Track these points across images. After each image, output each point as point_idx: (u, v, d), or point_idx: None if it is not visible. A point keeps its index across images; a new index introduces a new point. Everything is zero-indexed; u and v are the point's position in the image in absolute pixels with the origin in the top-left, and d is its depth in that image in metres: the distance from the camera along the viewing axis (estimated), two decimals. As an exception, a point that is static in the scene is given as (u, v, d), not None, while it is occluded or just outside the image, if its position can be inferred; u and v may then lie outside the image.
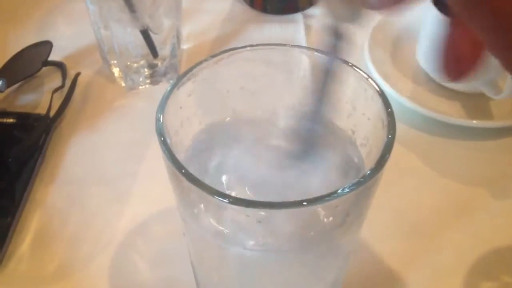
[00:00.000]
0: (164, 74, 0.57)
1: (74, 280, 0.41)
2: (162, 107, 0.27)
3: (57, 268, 0.42)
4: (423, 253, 0.43)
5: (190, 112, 0.30)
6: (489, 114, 0.52)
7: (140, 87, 0.57)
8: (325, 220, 0.25)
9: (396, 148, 0.49)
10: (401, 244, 0.43)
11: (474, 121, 0.51)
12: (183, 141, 0.30)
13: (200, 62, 0.29)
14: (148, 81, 0.57)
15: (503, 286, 0.41)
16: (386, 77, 0.53)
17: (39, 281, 0.41)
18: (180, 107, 0.29)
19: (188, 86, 0.29)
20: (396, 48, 0.58)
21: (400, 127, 0.55)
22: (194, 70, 0.29)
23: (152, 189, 0.47)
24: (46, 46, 0.58)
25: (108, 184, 0.48)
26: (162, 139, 0.26)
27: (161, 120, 0.27)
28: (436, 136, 0.51)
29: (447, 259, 0.42)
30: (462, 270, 0.41)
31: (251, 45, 0.31)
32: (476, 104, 0.53)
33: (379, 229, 0.44)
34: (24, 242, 0.44)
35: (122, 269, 0.42)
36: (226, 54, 0.30)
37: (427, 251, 0.43)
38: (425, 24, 0.53)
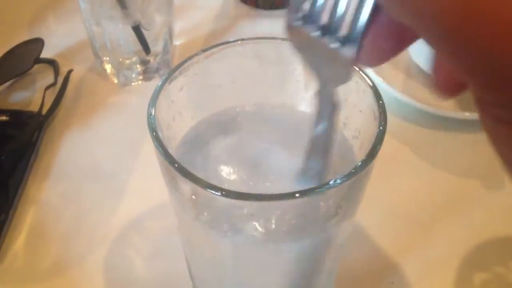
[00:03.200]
0: (157, 70, 0.57)
1: (69, 276, 0.41)
2: (153, 101, 0.27)
3: (52, 264, 0.42)
4: (416, 244, 0.43)
5: (182, 107, 0.30)
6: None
7: (133, 84, 0.57)
8: (318, 211, 0.26)
9: (389, 141, 0.50)
10: (394, 236, 0.44)
11: (467, 113, 0.51)
12: (176, 135, 0.30)
13: (191, 57, 0.29)
14: (140, 77, 0.57)
15: (496, 277, 0.41)
16: (378, 71, 0.53)
17: (35, 277, 0.41)
18: (172, 102, 0.29)
19: (179, 81, 0.29)
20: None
21: (393, 120, 0.55)
22: (185, 65, 0.29)
23: (146, 185, 0.47)
24: (37, 43, 0.58)
25: (102, 180, 0.48)
26: (154, 133, 0.26)
27: (153, 115, 0.27)
28: (429, 129, 0.52)
29: (440, 251, 0.42)
30: (455, 261, 0.42)
31: (242, 39, 0.31)
32: (468, 96, 0.52)
33: (373, 221, 0.44)
34: (19, 239, 0.44)
35: (117, 265, 0.42)
36: (217, 49, 0.30)
37: (420, 242, 0.43)
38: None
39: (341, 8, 0.20)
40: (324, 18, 0.21)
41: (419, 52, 0.55)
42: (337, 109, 0.25)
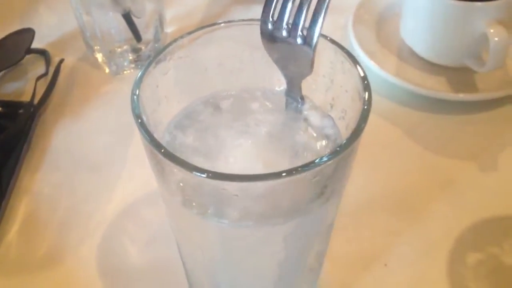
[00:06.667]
0: (149, 58, 0.57)
1: (63, 265, 0.42)
2: (137, 85, 0.27)
3: (47, 254, 0.42)
4: (410, 226, 0.43)
5: (168, 91, 0.30)
6: (473, 87, 0.52)
7: (125, 72, 0.57)
8: (304, 191, 0.26)
9: (382, 123, 0.50)
10: (387, 218, 0.44)
11: (460, 95, 0.51)
12: (162, 119, 0.30)
13: (176, 40, 0.29)
14: (132, 65, 0.57)
15: (489, 257, 0.41)
16: (371, 54, 0.53)
17: (29, 267, 0.42)
18: (157, 86, 0.29)
19: (164, 65, 0.29)
20: (380, 25, 0.58)
21: (385, 103, 0.55)
22: (170, 48, 0.29)
23: (139, 173, 0.47)
24: (28, 33, 0.57)
25: (95, 169, 0.48)
26: (139, 118, 0.26)
27: (137, 99, 0.27)
28: (422, 111, 0.52)
29: (434, 232, 0.43)
30: (448, 242, 0.42)
31: (228, 21, 0.31)
32: (461, 78, 0.53)
33: (366, 203, 0.44)
34: (12, 229, 0.44)
35: (112, 253, 0.42)
36: (202, 31, 0.30)
37: (413, 224, 0.43)
38: (408, 0, 0.53)
39: (302, 13, 0.26)
40: (290, 21, 0.27)
41: (412, 35, 0.55)
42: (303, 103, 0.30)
